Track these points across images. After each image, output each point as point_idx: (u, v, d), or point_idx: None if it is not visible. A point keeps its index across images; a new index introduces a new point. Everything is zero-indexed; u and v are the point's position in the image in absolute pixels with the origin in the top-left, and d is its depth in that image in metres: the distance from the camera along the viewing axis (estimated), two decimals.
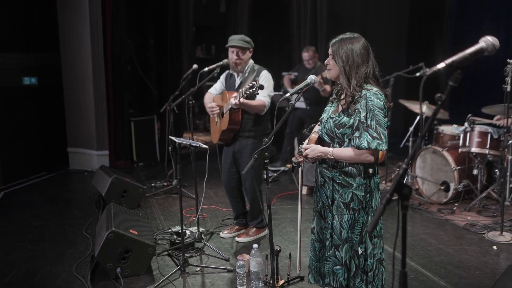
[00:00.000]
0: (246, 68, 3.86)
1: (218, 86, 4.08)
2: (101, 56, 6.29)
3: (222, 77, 4.07)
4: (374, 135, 2.24)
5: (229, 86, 3.97)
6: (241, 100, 3.46)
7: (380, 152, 2.33)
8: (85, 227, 4.39)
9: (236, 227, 4.20)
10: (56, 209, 4.94)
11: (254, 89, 3.24)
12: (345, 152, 2.32)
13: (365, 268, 2.40)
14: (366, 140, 2.24)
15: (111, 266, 3.31)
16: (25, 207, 4.99)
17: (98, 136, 6.42)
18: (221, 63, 4.11)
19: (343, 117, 2.33)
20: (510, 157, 4.35)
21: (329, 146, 2.41)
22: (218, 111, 3.90)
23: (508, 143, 4.30)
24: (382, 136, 2.25)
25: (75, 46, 6.28)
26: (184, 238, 3.71)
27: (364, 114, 2.26)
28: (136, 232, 3.44)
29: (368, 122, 2.25)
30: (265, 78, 3.80)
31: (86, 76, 6.28)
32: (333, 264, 2.44)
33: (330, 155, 2.34)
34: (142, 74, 7.20)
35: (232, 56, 3.82)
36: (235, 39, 3.80)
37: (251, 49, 3.85)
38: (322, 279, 2.58)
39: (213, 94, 4.07)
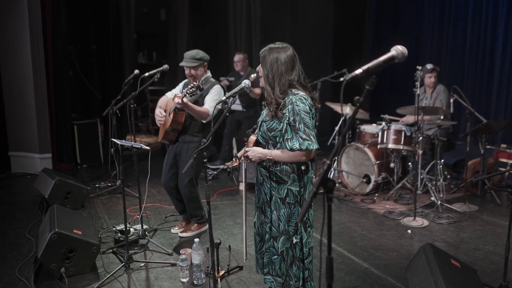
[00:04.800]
0: (201, 79, 3.80)
1: (175, 91, 3.98)
2: (42, 61, 5.95)
3: (181, 84, 3.99)
4: (303, 136, 2.27)
5: None
6: (184, 99, 3.41)
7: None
8: (28, 229, 4.12)
9: (184, 222, 4.13)
10: None
11: (193, 89, 3.28)
12: (281, 153, 2.35)
13: (301, 256, 2.44)
14: (298, 142, 2.28)
15: (55, 267, 3.14)
16: None
17: (40, 140, 6.07)
18: (161, 68, 4.03)
19: (274, 122, 2.35)
20: (420, 152, 4.62)
21: (264, 148, 2.43)
22: (162, 121, 3.82)
23: (419, 140, 4.56)
24: (311, 136, 2.29)
25: (15, 51, 5.89)
26: (128, 235, 3.60)
27: (292, 118, 2.28)
28: (80, 232, 3.28)
29: (297, 126, 2.28)
30: (216, 91, 3.75)
31: (27, 80, 5.91)
32: (271, 254, 2.47)
33: (269, 157, 2.36)
34: (84, 79, 6.89)
35: (186, 72, 3.76)
36: (187, 58, 3.70)
37: (205, 63, 3.77)
38: (260, 269, 2.60)
39: (169, 97, 3.97)
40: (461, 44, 7.89)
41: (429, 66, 5.32)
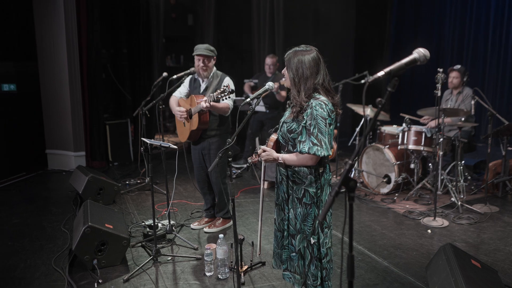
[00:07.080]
0: (210, 74, 3.86)
1: (182, 90, 4.04)
2: (77, 64, 6.10)
3: (186, 81, 4.03)
4: (314, 141, 2.22)
5: (193, 89, 3.95)
6: (212, 103, 3.49)
7: (332, 150, 2.35)
8: (63, 223, 4.23)
9: (206, 219, 4.17)
10: (35, 207, 4.74)
11: (225, 93, 3.33)
12: (290, 157, 2.34)
13: (319, 256, 2.42)
14: (308, 145, 2.24)
15: (88, 258, 3.21)
16: (5, 206, 4.77)
17: (75, 139, 6.22)
18: (188, 71, 4.07)
19: (294, 124, 2.33)
20: (441, 153, 4.51)
21: (285, 148, 2.42)
22: (186, 115, 3.86)
23: (439, 141, 4.46)
24: (322, 143, 2.23)
25: (52, 55, 6.06)
26: (156, 230, 3.65)
27: (309, 122, 2.24)
28: (111, 226, 3.35)
29: (311, 130, 2.23)
30: (229, 84, 3.80)
31: (63, 83, 6.07)
32: (289, 251, 2.46)
33: (280, 160, 2.35)
34: (116, 81, 7.03)
35: (198, 63, 3.80)
36: (201, 48, 3.78)
37: (215, 57, 3.86)
38: (279, 265, 2.59)
39: (177, 97, 4.03)
40: (482, 45, 7.67)
41: (456, 67, 5.20)
